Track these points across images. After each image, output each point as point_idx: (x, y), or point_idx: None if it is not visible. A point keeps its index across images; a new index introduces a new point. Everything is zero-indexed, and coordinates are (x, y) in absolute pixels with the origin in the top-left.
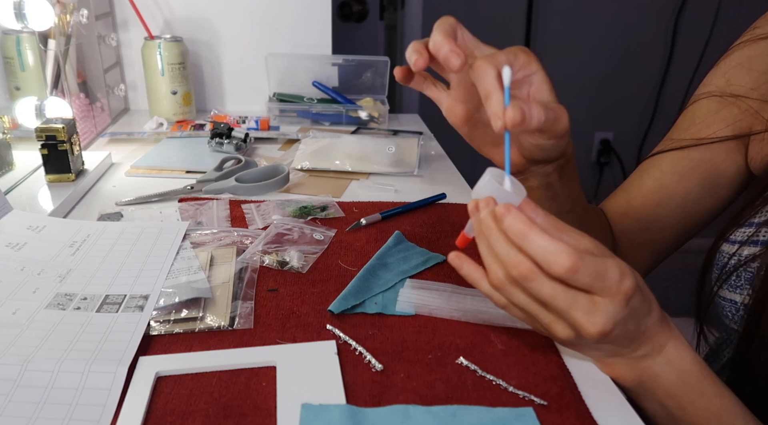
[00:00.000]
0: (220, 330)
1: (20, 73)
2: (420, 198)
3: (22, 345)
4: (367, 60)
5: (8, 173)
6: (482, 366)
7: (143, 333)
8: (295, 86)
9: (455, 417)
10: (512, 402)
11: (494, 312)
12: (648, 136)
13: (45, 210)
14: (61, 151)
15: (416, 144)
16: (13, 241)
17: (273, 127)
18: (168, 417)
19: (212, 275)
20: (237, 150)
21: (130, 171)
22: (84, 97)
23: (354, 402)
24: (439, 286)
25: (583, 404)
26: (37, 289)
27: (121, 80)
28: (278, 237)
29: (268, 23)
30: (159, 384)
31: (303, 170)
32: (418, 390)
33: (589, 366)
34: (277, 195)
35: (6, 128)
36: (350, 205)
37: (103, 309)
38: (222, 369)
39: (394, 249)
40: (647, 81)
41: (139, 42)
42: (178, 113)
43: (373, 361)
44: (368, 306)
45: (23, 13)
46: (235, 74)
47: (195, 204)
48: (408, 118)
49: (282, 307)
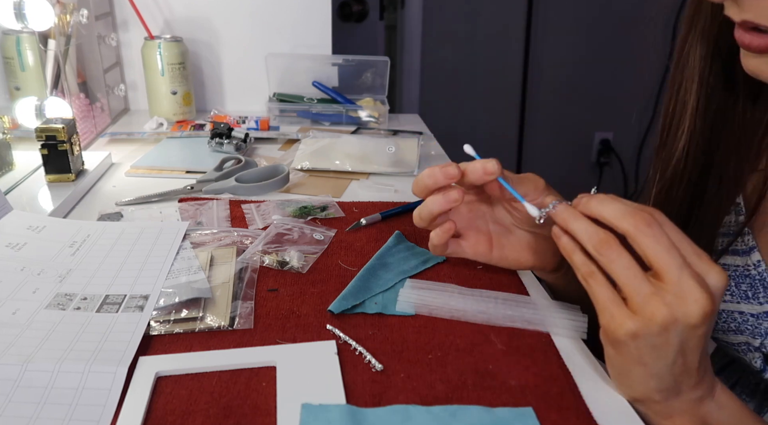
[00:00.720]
0: (220, 330)
1: (20, 73)
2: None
3: (22, 345)
4: (367, 60)
5: (8, 173)
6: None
7: (143, 333)
8: (295, 86)
9: (455, 417)
10: (512, 402)
11: (494, 312)
12: (648, 135)
13: (45, 210)
14: (61, 151)
15: (416, 144)
16: (13, 241)
17: (273, 127)
18: (168, 417)
19: (212, 275)
20: (237, 150)
21: (130, 171)
22: (84, 97)
23: (354, 402)
24: (439, 286)
25: (583, 404)
26: (37, 289)
27: (121, 80)
28: (278, 237)
29: (268, 23)
30: (159, 384)
31: (303, 170)
32: (418, 390)
33: (589, 366)
34: (277, 195)
35: (6, 128)
36: (350, 204)
37: (103, 309)
38: (222, 369)
39: (394, 249)
40: (647, 81)
41: (139, 42)
42: (178, 113)
43: (373, 361)
44: (368, 307)
45: (23, 13)
46: (235, 74)
47: (195, 204)
48: (408, 118)
49: (282, 307)
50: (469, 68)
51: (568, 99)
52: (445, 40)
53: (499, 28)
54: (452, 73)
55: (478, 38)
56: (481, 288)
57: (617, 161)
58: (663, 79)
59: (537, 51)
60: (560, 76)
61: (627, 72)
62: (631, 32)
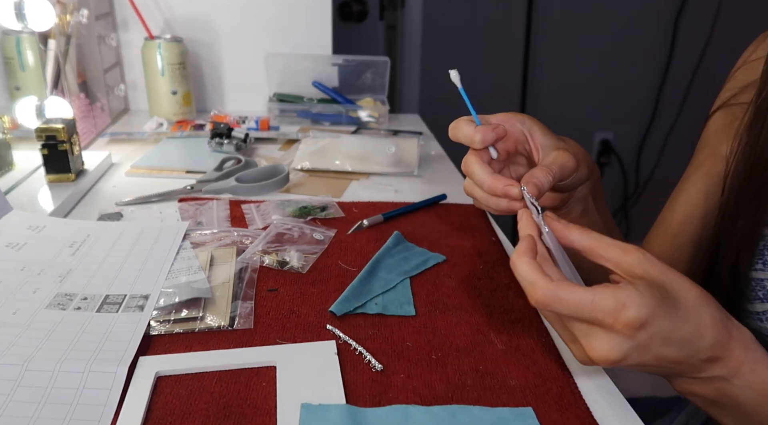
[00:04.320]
0: (220, 330)
1: (20, 73)
2: (420, 198)
3: (23, 345)
4: (367, 60)
5: (8, 173)
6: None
7: (143, 333)
8: (295, 86)
9: (455, 417)
10: (512, 402)
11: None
12: (648, 136)
13: (45, 210)
14: (61, 151)
15: (416, 144)
16: (13, 241)
17: (273, 127)
18: (168, 417)
19: (212, 275)
20: (237, 150)
21: (130, 171)
22: (84, 97)
23: (354, 402)
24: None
25: (584, 404)
26: (38, 289)
27: (121, 80)
28: (278, 237)
29: (268, 23)
30: (159, 384)
31: (303, 170)
32: (418, 390)
33: (589, 366)
34: (277, 195)
35: (6, 128)
36: (350, 205)
37: (104, 309)
38: (222, 369)
39: (394, 249)
40: (647, 81)
41: (139, 42)
42: (178, 113)
43: (373, 361)
44: (369, 307)
45: (23, 13)
46: (235, 74)
47: (195, 204)
48: (408, 118)
49: (282, 307)
50: (469, 68)
51: (568, 99)
52: (445, 40)
53: (499, 28)
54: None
55: (478, 38)
56: (481, 288)
57: (617, 161)
58: (663, 79)
59: (537, 51)
60: (560, 75)
61: (627, 72)
62: (631, 32)
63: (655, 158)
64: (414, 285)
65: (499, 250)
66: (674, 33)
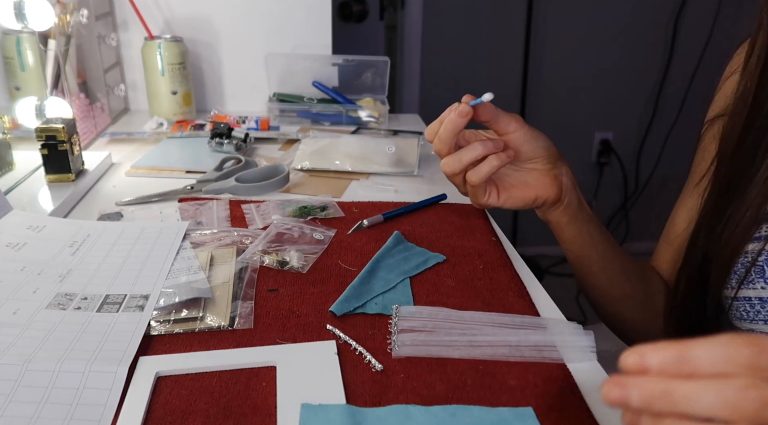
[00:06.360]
0: (220, 330)
1: (20, 73)
2: (420, 198)
3: (23, 345)
4: (367, 60)
5: (8, 173)
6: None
7: (143, 333)
8: (295, 86)
9: (455, 417)
10: (512, 402)
11: (496, 350)
12: (648, 136)
13: (45, 210)
14: (61, 151)
15: (416, 144)
16: (13, 241)
17: (273, 127)
18: (168, 417)
19: (212, 275)
20: (237, 150)
21: (130, 171)
22: (84, 97)
23: (354, 402)
24: (430, 321)
25: (584, 404)
26: (38, 289)
27: (121, 80)
28: (278, 237)
29: (268, 23)
30: (159, 384)
31: (303, 170)
32: (418, 390)
33: (589, 366)
34: (277, 195)
35: (6, 128)
36: (350, 205)
37: (104, 309)
38: (222, 369)
39: (393, 250)
40: (647, 81)
41: (139, 42)
42: (178, 113)
43: (373, 361)
44: (369, 307)
45: (23, 13)
46: (235, 74)
47: (195, 204)
48: (408, 118)
49: (282, 307)
50: (470, 68)
51: (568, 99)
52: (445, 40)
53: (499, 28)
54: (452, 73)
55: (478, 38)
56: (481, 287)
57: (617, 161)
58: (663, 79)
59: (537, 51)
60: (560, 75)
61: (627, 72)
62: (631, 32)
63: (655, 158)
64: (414, 285)
65: (499, 250)
66: (674, 33)
